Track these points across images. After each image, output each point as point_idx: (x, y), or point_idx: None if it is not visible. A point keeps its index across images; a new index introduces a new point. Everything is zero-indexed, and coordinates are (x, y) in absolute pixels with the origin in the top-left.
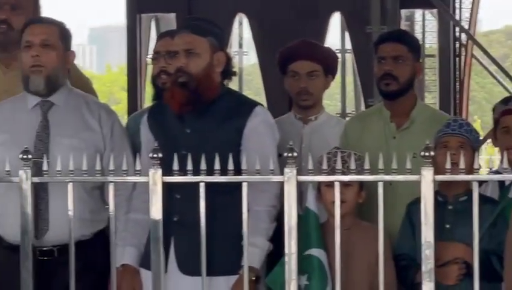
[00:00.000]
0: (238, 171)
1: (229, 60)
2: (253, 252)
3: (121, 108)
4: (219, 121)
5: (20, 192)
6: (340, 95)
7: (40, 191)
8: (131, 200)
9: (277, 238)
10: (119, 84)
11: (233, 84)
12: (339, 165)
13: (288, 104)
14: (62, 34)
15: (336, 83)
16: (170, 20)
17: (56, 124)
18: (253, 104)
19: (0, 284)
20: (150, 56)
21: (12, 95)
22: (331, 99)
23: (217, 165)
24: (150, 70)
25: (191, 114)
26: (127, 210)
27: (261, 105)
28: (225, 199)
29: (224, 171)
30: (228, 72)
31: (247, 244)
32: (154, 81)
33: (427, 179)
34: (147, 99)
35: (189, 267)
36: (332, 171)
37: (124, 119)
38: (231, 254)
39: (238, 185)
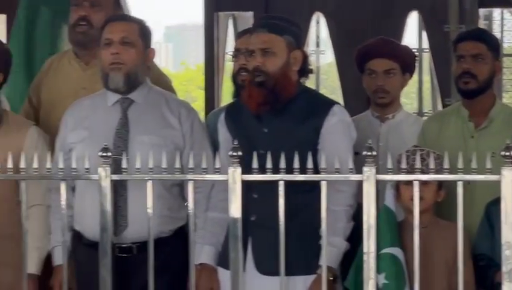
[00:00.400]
0: (315, 170)
1: (305, 58)
2: (330, 252)
3: (197, 106)
4: (296, 120)
5: (100, 189)
6: (416, 94)
7: (119, 188)
8: (210, 198)
9: (350, 237)
10: (195, 83)
11: (310, 83)
12: (418, 164)
13: (365, 103)
14: (142, 31)
15: (412, 82)
16: (247, 18)
17: (136, 121)
18: (331, 103)
19: (81, 281)
20: (230, 53)
21: (91, 92)
22: (408, 98)
23: (296, 164)
24: (227, 68)
25: (268, 113)
26: (206, 208)
27: (339, 104)
28: (302, 198)
29: (302, 170)
30: (305, 70)
31: (326, 244)
32: (234, 78)
33: (508, 179)
34: (224, 97)
35: (266, 267)
36: (411, 169)
37: (200, 117)
38: (309, 253)
39: (315, 184)
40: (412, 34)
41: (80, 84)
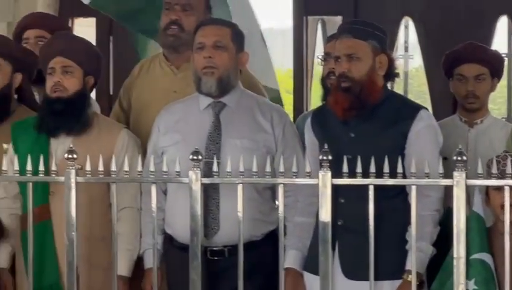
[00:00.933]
0: (402, 174)
1: (391, 62)
2: (417, 257)
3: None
4: (383, 125)
5: (190, 193)
6: (504, 99)
7: (211, 191)
8: (297, 203)
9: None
10: (283, 87)
11: (397, 88)
12: (509, 169)
13: (452, 107)
14: (234, 35)
15: (499, 87)
16: (336, 22)
17: (228, 124)
18: (418, 107)
19: (171, 284)
20: (319, 57)
21: (182, 95)
22: (495, 103)
23: (385, 168)
24: (316, 72)
25: (355, 118)
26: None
27: (426, 108)
28: (388, 203)
29: (391, 175)
30: (391, 74)
31: (415, 249)
32: (323, 82)
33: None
34: (313, 101)
35: (353, 272)
36: (502, 175)
37: None
38: (395, 258)
39: (401, 189)
40: (501, 39)
41: (170, 88)
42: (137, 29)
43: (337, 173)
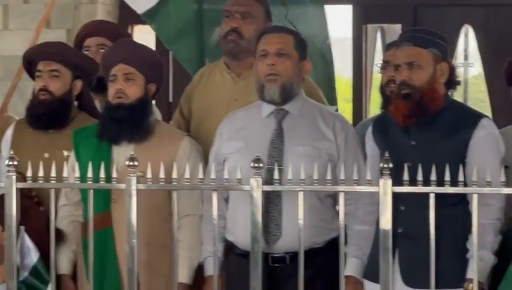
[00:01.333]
0: (463, 183)
1: (452, 70)
2: (478, 266)
3: None
4: (444, 133)
5: (251, 200)
6: None
7: (273, 198)
8: (357, 210)
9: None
10: (341, 95)
11: (457, 96)
12: None
13: None
14: (297, 43)
15: None
16: (396, 30)
17: (290, 132)
18: (480, 115)
19: None
20: (378, 65)
21: (243, 103)
22: None
23: (446, 176)
24: (375, 81)
25: (415, 126)
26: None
27: (487, 117)
28: (448, 211)
29: (452, 183)
30: (452, 82)
31: (476, 257)
32: (382, 90)
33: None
34: (372, 109)
35: (413, 279)
36: None
37: None
38: (456, 266)
39: (462, 197)
40: None
41: (231, 96)
42: (176, 51)
43: (397, 180)
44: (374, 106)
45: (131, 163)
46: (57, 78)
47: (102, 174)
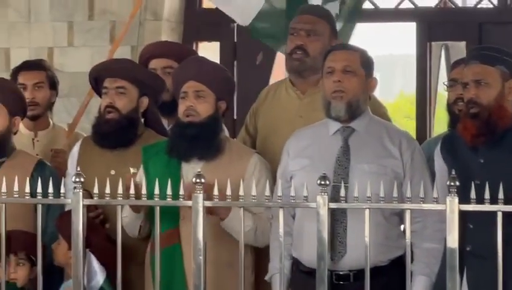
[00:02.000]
0: None
1: None
2: None
3: None
4: None
5: (318, 217)
6: None
7: (339, 215)
8: (425, 229)
9: None
10: (402, 112)
11: None
12: None
13: None
14: (364, 60)
15: None
16: (460, 48)
17: (356, 149)
18: None
19: None
20: (445, 83)
21: (308, 120)
22: None
23: None
24: (439, 98)
25: (484, 144)
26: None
27: None
28: None
29: None
30: None
31: None
32: (450, 108)
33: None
34: (436, 127)
35: None
36: None
37: None
38: None
39: None
40: None
41: (296, 113)
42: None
43: (466, 198)
44: (438, 124)
45: (198, 180)
46: (123, 95)
47: (169, 191)
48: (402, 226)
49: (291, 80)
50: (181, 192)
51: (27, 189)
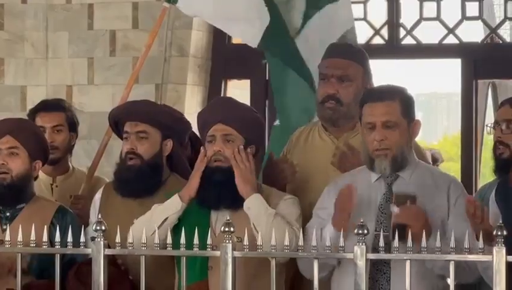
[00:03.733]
0: None
1: None
2: None
3: None
4: None
5: (355, 268)
6: None
7: (381, 265)
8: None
9: None
10: (447, 154)
11: None
12: None
13: None
14: (404, 107)
15: None
16: (508, 86)
17: None
18: None
19: None
20: (489, 125)
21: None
22: None
23: None
24: (486, 140)
25: None
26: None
27: None
28: None
29: None
30: None
31: None
32: (495, 152)
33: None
34: (483, 169)
35: None
36: None
37: None
38: None
39: None
40: None
41: (330, 160)
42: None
43: None
44: (485, 166)
45: (226, 229)
46: (145, 139)
47: (196, 241)
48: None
49: (323, 125)
50: (208, 241)
51: (45, 238)
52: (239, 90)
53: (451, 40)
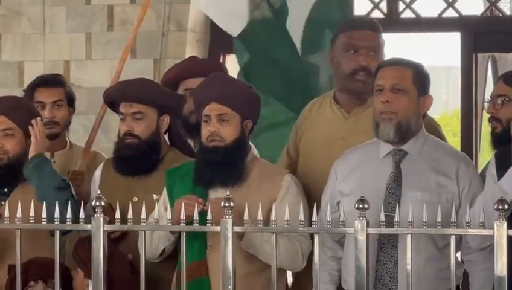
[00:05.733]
0: None
1: None
2: None
3: None
4: None
5: (356, 243)
6: None
7: (388, 248)
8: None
9: None
10: (450, 129)
11: None
12: None
13: None
14: (416, 77)
15: None
16: (508, 60)
17: (408, 175)
18: None
19: None
20: (487, 100)
21: (351, 143)
22: None
23: None
24: (485, 114)
25: None
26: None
27: None
28: None
29: None
30: None
31: None
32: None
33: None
34: (483, 144)
35: None
36: None
37: None
38: None
39: None
40: None
41: (339, 134)
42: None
43: None
44: (485, 140)
45: (226, 204)
46: (141, 120)
47: (196, 216)
48: (459, 254)
49: (335, 97)
50: (208, 217)
51: (44, 214)
52: (237, 64)
53: (450, 13)
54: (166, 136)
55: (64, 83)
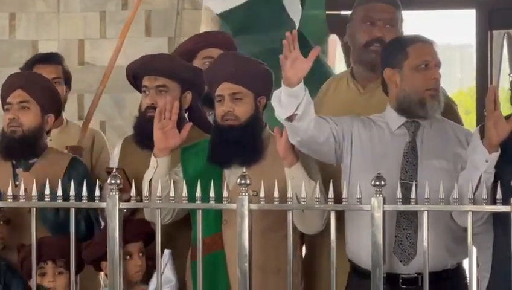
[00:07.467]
0: None
1: None
2: None
3: None
4: None
5: (372, 220)
6: None
7: (409, 214)
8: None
9: None
10: (463, 107)
11: None
12: None
13: None
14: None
15: None
16: None
17: (424, 144)
18: None
19: None
20: (511, 74)
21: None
22: None
23: None
24: (502, 91)
25: None
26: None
27: None
28: None
29: None
30: None
31: None
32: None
33: None
34: None
35: None
36: None
37: None
38: None
39: None
40: None
41: (354, 110)
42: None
43: None
44: None
45: (242, 181)
46: (164, 93)
47: (212, 194)
48: None
49: (352, 72)
50: (224, 194)
51: (59, 192)
52: None
53: None
54: (186, 115)
55: (61, 60)
